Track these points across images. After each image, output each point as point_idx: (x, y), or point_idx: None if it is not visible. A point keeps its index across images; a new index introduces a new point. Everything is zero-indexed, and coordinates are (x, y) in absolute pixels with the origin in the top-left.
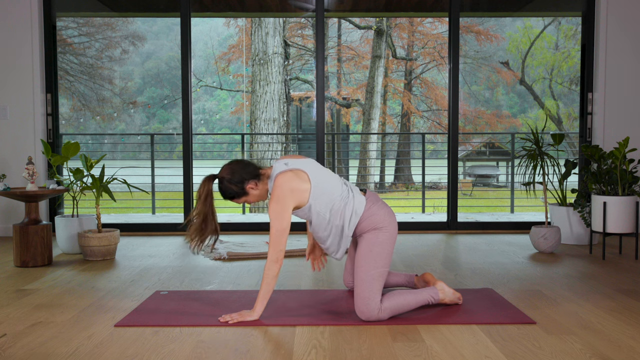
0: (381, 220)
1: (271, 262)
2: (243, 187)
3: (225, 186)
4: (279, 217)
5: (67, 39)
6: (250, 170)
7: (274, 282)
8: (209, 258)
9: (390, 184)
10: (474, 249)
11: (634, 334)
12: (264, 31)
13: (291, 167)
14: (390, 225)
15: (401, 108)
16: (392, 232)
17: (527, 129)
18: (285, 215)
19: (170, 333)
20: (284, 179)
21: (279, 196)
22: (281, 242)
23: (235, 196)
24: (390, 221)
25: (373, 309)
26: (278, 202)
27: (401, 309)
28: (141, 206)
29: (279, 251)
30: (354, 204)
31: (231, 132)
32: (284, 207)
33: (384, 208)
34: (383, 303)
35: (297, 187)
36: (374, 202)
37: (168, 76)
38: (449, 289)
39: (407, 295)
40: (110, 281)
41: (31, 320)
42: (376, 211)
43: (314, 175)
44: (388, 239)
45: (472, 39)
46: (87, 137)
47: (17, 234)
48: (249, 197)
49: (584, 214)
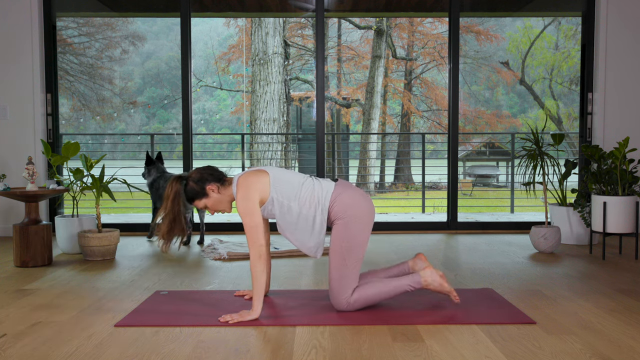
0: (352, 204)
1: (255, 259)
2: (203, 187)
3: (188, 185)
4: (249, 212)
5: (67, 39)
6: (215, 175)
7: (263, 277)
8: (209, 258)
9: (390, 184)
10: (474, 249)
11: (634, 334)
12: (264, 31)
13: (248, 170)
14: (362, 210)
15: (401, 108)
16: (364, 218)
17: (527, 129)
18: (254, 209)
19: (170, 333)
20: (243, 177)
21: (243, 193)
22: (258, 237)
23: (195, 196)
24: (362, 205)
25: (342, 302)
26: (243, 198)
27: (373, 299)
28: (141, 206)
29: (258, 246)
30: (322, 189)
31: (231, 132)
32: (250, 201)
33: (356, 192)
34: (353, 295)
35: (256, 180)
36: (344, 188)
37: (168, 76)
38: (436, 275)
39: (380, 285)
40: (110, 281)
41: (31, 320)
42: (347, 195)
43: (271, 169)
44: (360, 229)
45: (472, 39)
46: (87, 137)
47: (17, 234)
48: (209, 200)
49: (584, 214)
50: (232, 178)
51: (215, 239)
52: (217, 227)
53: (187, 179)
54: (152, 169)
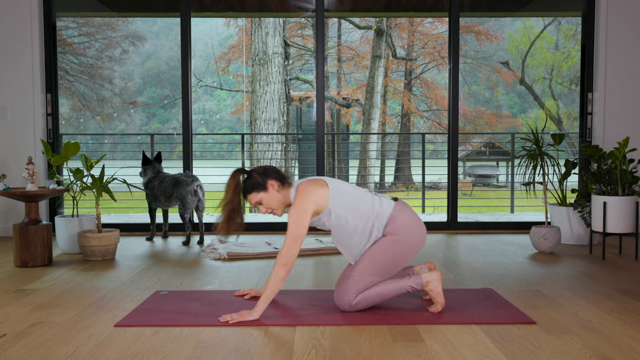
0: (408, 226)
1: (280, 265)
2: (266, 181)
3: (251, 175)
4: (299, 221)
5: (67, 39)
6: (279, 174)
7: (280, 285)
8: (209, 258)
9: (390, 184)
10: (474, 249)
11: (634, 334)
12: (264, 31)
13: (308, 178)
14: (414, 235)
15: (401, 108)
16: (413, 242)
17: (527, 129)
18: (304, 221)
19: (170, 333)
20: (304, 185)
21: (300, 201)
22: (294, 247)
23: (254, 188)
24: (416, 230)
25: (344, 303)
26: (298, 206)
27: (375, 300)
28: (141, 206)
29: (290, 256)
30: (382, 205)
31: (231, 132)
32: (305, 211)
33: (413, 215)
34: (357, 298)
35: (316, 191)
36: (404, 208)
37: (168, 76)
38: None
39: (382, 287)
40: (110, 281)
41: (31, 320)
42: (406, 215)
43: (330, 181)
44: (404, 251)
45: (472, 39)
46: (87, 137)
47: (17, 234)
48: (267, 195)
49: (584, 214)
50: (292, 183)
51: (215, 239)
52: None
53: (250, 171)
54: (148, 168)
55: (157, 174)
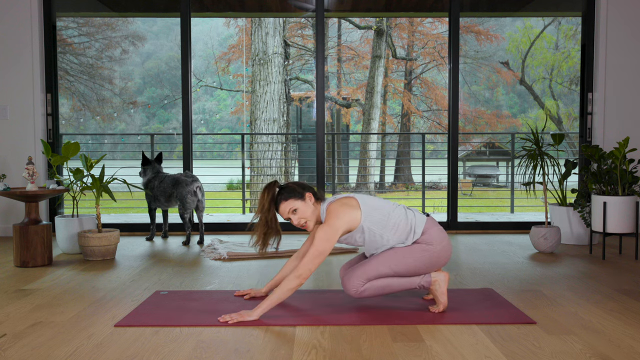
0: (439, 240)
1: (295, 276)
2: (303, 193)
3: (288, 186)
4: (327, 239)
5: (67, 39)
6: (313, 190)
7: (288, 294)
8: (208, 258)
9: (390, 184)
10: (474, 249)
11: (634, 334)
12: (264, 31)
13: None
14: (443, 249)
15: (401, 108)
16: (440, 256)
17: (527, 129)
18: (333, 240)
19: (170, 333)
20: (336, 205)
21: (332, 221)
22: (315, 262)
23: (291, 195)
24: (445, 246)
25: (352, 288)
26: (330, 225)
27: (382, 291)
28: (141, 206)
29: (307, 270)
30: (415, 218)
31: (231, 132)
32: (335, 231)
33: (443, 232)
34: (365, 284)
35: (349, 212)
36: (435, 224)
37: (168, 76)
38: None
39: (391, 280)
40: (110, 281)
41: (31, 320)
42: (437, 230)
43: (360, 197)
44: (429, 261)
45: (472, 39)
46: (87, 137)
47: (17, 234)
48: (302, 204)
49: (584, 214)
50: (324, 199)
51: (215, 239)
52: (217, 227)
53: (286, 183)
54: (148, 169)
55: (157, 174)
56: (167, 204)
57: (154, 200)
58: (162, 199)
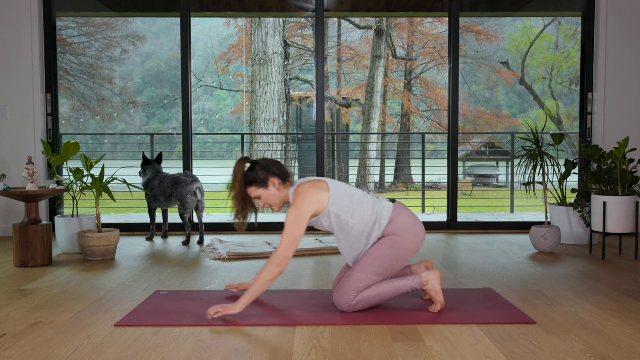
0: (408, 227)
1: (273, 264)
2: (267, 177)
3: (254, 169)
4: (296, 223)
5: (67, 39)
6: (281, 171)
7: (268, 284)
8: (208, 258)
9: (390, 184)
10: (474, 249)
11: (634, 334)
12: (264, 31)
13: (309, 179)
14: (414, 235)
15: (401, 108)
16: (413, 243)
17: (527, 129)
18: (303, 223)
19: (170, 333)
20: (304, 187)
21: (299, 203)
22: (290, 249)
23: (254, 182)
24: (416, 231)
25: (344, 304)
26: (297, 208)
27: (375, 301)
28: (141, 206)
29: (284, 257)
30: (382, 207)
31: (231, 132)
32: (304, 213)
33: (412, 216)
34: (356, 297)
35: (316, 194)
36: (402, 209)
37: (168, 76)
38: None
39: (381, 287)
40: (110, 281)
41: (31, 320)
42: (405, 217)
43: (332, 183)
44: (404, 252)
45: (472, 39)
46: (87, 137)
47: (17, 234)
48: (265, 192)
49: (584, 214)
50: (293, 181)
51: (215, 239)
52: (217, 227)
53: (255, 163)
54: (148, 169)
55: (157, 174)
56: (167, 204)
57: (154, 200)
58: (162, 199)
